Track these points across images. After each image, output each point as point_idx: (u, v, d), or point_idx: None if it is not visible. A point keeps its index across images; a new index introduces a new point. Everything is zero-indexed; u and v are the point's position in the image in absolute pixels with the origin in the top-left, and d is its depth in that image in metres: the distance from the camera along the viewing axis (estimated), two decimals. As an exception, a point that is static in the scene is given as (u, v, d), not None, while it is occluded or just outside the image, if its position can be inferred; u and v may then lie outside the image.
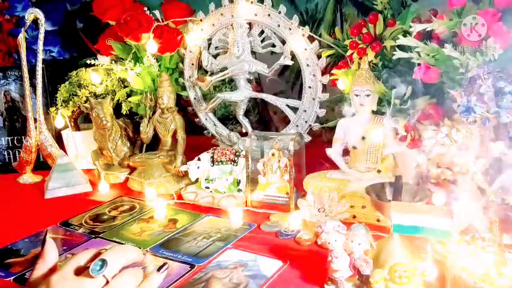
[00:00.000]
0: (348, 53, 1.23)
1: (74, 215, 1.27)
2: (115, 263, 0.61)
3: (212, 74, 1.47)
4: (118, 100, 1.57)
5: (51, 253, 0.64)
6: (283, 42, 1.37)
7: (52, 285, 0.58)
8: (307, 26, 1.34)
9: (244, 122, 1.50)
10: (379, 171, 1.17)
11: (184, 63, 1.55)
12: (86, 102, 1.56)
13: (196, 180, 1.35)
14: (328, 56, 1.32)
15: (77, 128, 1.71)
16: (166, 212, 1.23)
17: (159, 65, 1.55)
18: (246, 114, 1.51)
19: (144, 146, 1.56)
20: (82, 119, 1.79)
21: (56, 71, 1.73)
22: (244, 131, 1.53)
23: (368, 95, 1.16)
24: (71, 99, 1.63)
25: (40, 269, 0.62)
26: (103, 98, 1.53)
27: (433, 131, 0.92)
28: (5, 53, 1.88)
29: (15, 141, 1.71)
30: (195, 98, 1.57)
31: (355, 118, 1.21)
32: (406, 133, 1.11)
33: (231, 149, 1.36)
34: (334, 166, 1.23)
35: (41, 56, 1.56)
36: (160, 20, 1.50)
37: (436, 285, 0.84)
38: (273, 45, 1.40)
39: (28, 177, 1.59)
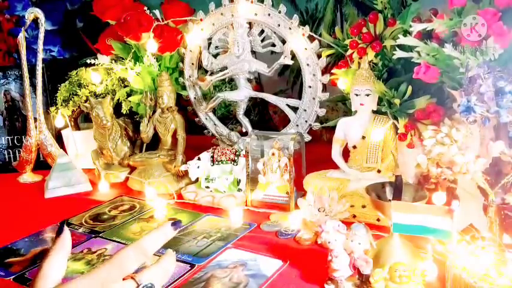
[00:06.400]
0: (348, 53, 1.23)
1: (74, 215, 1.27)
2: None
3: (212, 73, 1.47)
4: (118, 100, 1.57)
5: (67, 240, 0.64)
6: (283, 41, 1.37)
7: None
8: (307, 26, 1.34)
9: (244, 121, 1.51)
10: (379, 171, 1.17)
11: (184, 63, 1.55)
12: (86, 101, 1.56)
13: (196, 180, 1.35)
14: (328, 56, 1.32)
15: (77, 127, 1.71)
16: (166, 212, 1.23)
17: (159, 65, 1.55)
18: (246, 113, 1.51)
19: (144, 145, 1.56)
20: (82, 119, 1.79)
21: (56, 70, 1.73)
22: (244, 130, 1.53)
23: (368, 95, 1.15)
24: (71, 99, 1.63)
25: (54, 256, 0.61)
26: (103, 97, 1.53)
27: (433, 131, 0.92)
28: (5, 53, 1.88)
29: (15, 141, 1.71)
30: (195, 98, 1.57)
31: (355, 118, 1.21)
32: (406, 132, 1.11)
33: (231, 149, 1.36)
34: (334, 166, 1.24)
35: (41, 56, 1.56)
36: (160, 19, 1.50)
37: (436, 285, 0.84)
38: (273, 45, 1.40)
39: (28, 177, 1.59)
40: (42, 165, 1.62)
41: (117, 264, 0.61)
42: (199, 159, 1.34)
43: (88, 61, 1.58)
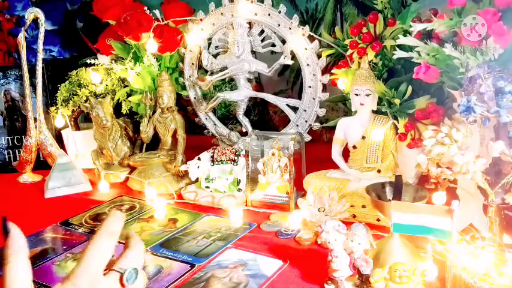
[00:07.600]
0: (348, 53, 1.23)
1: (74, 215, 1.27)
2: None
3: (212, 73, 1.47)
4: (118, 99, 1.57)
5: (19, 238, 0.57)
6: (283, 41, 1.37)
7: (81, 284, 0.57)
8: (307, 26, 1.34)
9: (244, 121, 1.50)
10: (379, 171, 1.17)
11: (184, 63, 1.55)
12: (86, 101, 1.56)
13: (196, 180, 1.35)
14: (328, 56, 1.32)
15: (77, 127, 1.71)
16: (166, 212, 1.23)
17: (159, 65, 1.55)
18: (246, 113, 1.51)
19: (144, 145, 1.56)
20: (82, 119, 1.79)
21: (56, 70, 1.73)
22: (244, 130, 1.53)
23: (368, 95, 1.15)
24: (71, 99, 1.63)
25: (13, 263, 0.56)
26: (103, 97, 1.53)
27: (433, 131, 0.92)
28: (5, 53, 1.88)
29: (15, 141, 1.71)
30: (195, 98, 1.57)
31: (355, 118, 1.21)
32: (406, 132, 1.11)
33: (231, 149, 1.36)
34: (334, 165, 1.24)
35: (41, 56, 1.56)
36: (160, 19, 1.50)
37: (436, 285, 0.84)
38: (273, 45, 1.40)
39: (28, 177, 1.59)
40: (42, 165, 1.62)
41: (92, 259, 0.58)
42: (199, 159, 1.34)
43: (88, 61, 1.58)
